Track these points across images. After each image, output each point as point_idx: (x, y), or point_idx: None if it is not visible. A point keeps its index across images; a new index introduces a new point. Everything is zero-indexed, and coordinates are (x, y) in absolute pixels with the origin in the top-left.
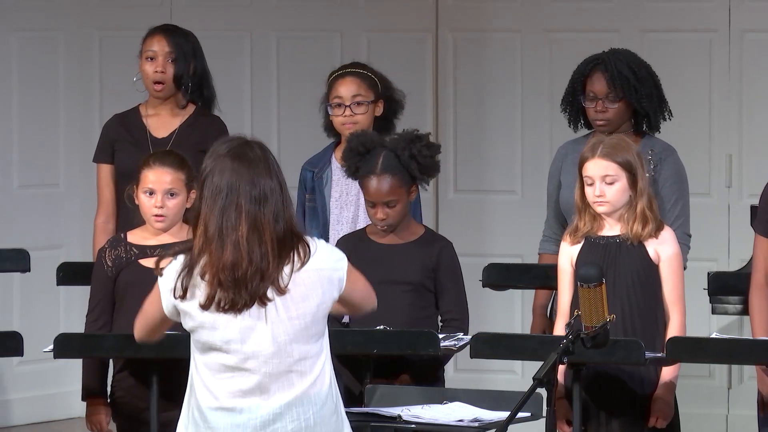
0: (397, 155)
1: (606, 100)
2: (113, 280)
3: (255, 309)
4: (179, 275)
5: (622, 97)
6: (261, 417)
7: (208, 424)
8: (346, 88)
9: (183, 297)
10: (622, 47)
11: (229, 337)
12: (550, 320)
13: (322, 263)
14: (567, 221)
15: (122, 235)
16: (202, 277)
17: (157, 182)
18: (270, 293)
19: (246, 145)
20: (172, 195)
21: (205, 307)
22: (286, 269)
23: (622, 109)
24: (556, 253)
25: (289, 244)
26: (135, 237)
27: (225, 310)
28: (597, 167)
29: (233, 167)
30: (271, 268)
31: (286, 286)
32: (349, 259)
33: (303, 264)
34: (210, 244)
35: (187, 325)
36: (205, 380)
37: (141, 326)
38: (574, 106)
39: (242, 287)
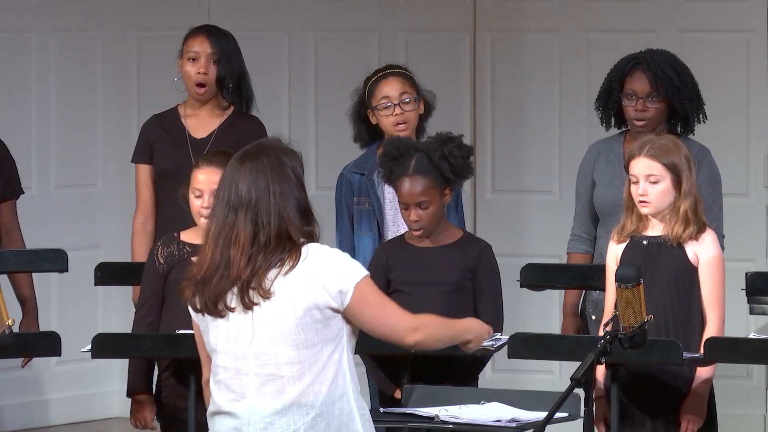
0: (429, 157)
1: (647, 100)
2: (164, 277)
3: (242, 313)
4: (184, 280)
5: (664, 97)
6: (254, 424)
7: (214, 428)
8: (392, 88)
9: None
10: (659, 47)
11: (221, 338)
12: (582, 319)
13: (314, 270)
14: (601, 220)
15: (175, 234)
16: (189, 279)
17: (205, 183)
18: (255, 297)
19: (250, 148)
20: None
21: (192, 309)
22: (271, 273)
23: (662, 109)
24: (585, 252)
25: (277, 249)
26: (188, 236)
27: (203, 313)
28: (642, 166)
29: (227, 170)
30: (236, 271)
31: (269, 290)
32: (387, 264)
33: (291, 268)
34: (202, 248)
35: (201, 327)
36: (212, 386)
37: (198, 345)
38: (609, 104)
39: (204, 290)
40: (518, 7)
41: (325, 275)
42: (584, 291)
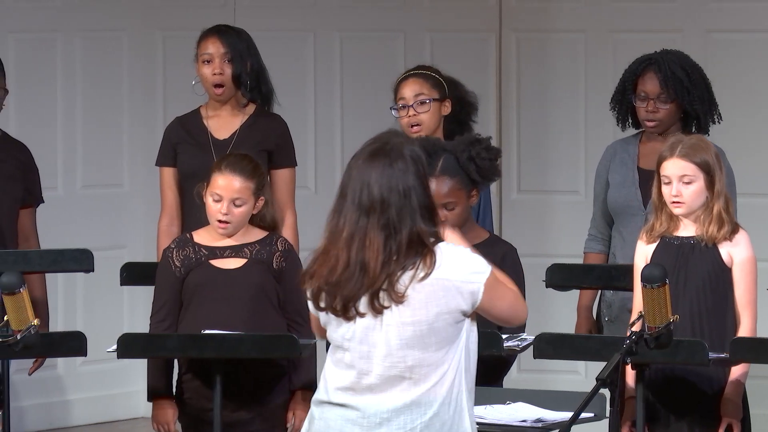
0: (456, 158)
1: (657, 101)
2: (181, 280)
3: (373, 316)
4: (305, 275)
5: (674, 98)
6: (369, 417)
7: (321, 416)
8: (409, 89)
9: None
10: (685, 48)
11: (348, 335)
12: (596, 320)
13: (450, 274)
14: (614, 221)
15: (188, 235)
16: (313, 277)
17: (225, 189)
18: (386, 300)
19: (378, 146)
20: (237, 204)
21: (314, 306)
22: (406, 277)
23: (673, 110)
24: (602, 252)
25: (410, 253)
26: (202, 238)
27: (329, 311)
28: (675, 167)
29: (355, 168)
30: (371, 276)
31: (403, 294)
32: None
33: (427, 274)
34: (326, 246)
35: (321, 320)
36: (326, 375)
37: (312, 322)
38: (624, 105)
39: (337, 292)
40: (544, 8)
41: (458, 277)
42: (599, 292)
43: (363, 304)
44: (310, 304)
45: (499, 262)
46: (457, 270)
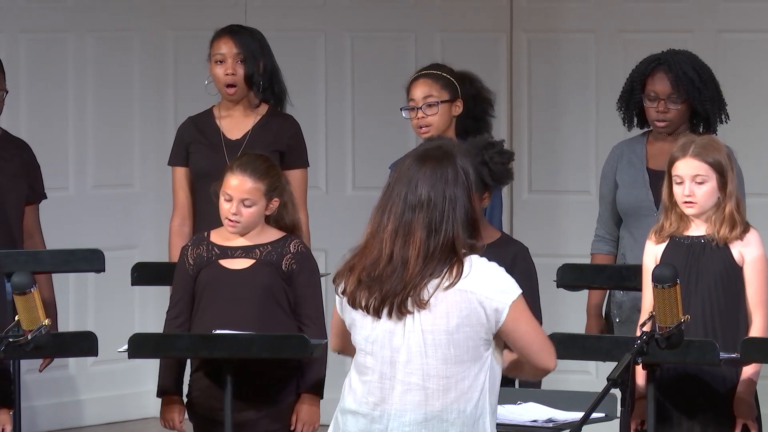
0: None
1: (668, 101)
2: (194, 278)
3: (395, 319)
4: (342, 271)
5: (685, 98)
6: (391, 430)
7: (345, 425)
8: (419, 90)
9: (344, 293)
10: (696, 48)
11: (371, 338)
12: (606, 321)
13: (474, 287)
14: (623, 221)
15: (206, 233)
16: (352, 271)
17: (235, 190)
18: (410, 305)
19: (432, 150)
20: (247, 204)
21: (349, 303)
22: (432, 284)
23: (684, 110)
24: (610, 253)
25: (441, 259)
26: (218, 237)
27: (363, 309)
28: (688, 167)
29: (404, 168)
30: (410, 274)
31: (427, 301)
32: None
33: (452, 283)
34: (367, 241)
35: (346, 322)
36: (352, 381)
37: (332, 333)
38: (631, 104)
39: (377, 287)
40: (555, 8)
41: (483, 292)
42: (608, 292)
43: (383, 296)
44: (338, 303)
45: (511, 262)
46: (484, 285)
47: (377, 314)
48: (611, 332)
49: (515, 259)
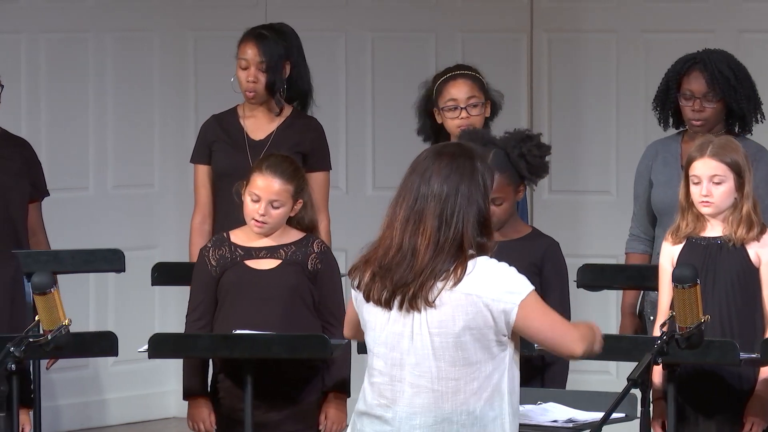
0: (506, 153)
1: (704, 100)
2: (217, 279)
3: (403, 316)
4: (357, 264)
5: (721, 96)
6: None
7: (362, 428)
8: (460, 90)
9: (359, 286)
10: (717, 47)
11: (379, 339)
12: (640, 320)
13: (480, 289)
14: (659, 220)
15: (225, 234)
16: (367, 264)
17: (264, 190)
18: (420, 302)
19: (450, 146)
20: (275, 206)
21: (364, 296)
22: (439, 284)
23: (720, 109)
24: (644, 252)
25: (450, 254)
26: (238, 237)
27: (374, 302)
28: (706, 167)
29: (419, 160)
30: (420, 264)
31: (433, 301)
32: None
33: (456, 284)
34: (382, 233)
35: (361, 320)
36: (365, 384)
37: (345, 322)
38: (667, 104)
39: (387, 276)
40: (575, 8)
41: (488, 294)
42: (642, 291)
43: (394, 286)
44: (354, 297)
45: (542, 256)
46: (490, 287)
47: (388, 306)
48: (645, 331)
49: (546, 254)
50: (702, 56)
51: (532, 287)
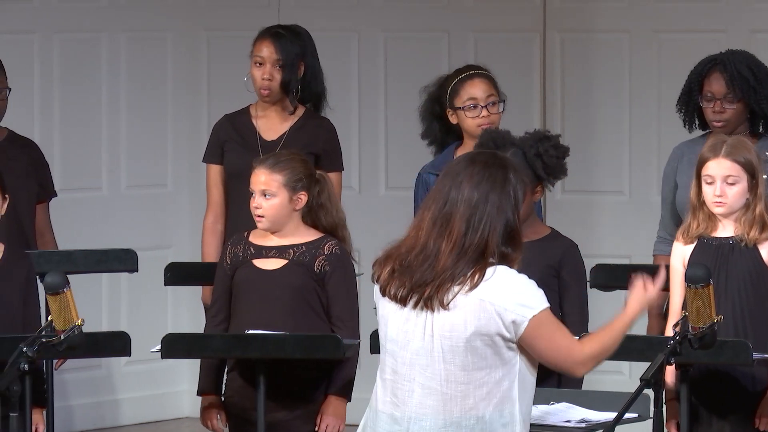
0: (524, 153)
1: (724, 101)
2: (231, 277)
3: (416, 315)
4: (380, 259)
5: (741, 97)
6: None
7: (374, 424)
8: (479, 89)
9: (377, 280)
10: (729, 47)
11: (393, 336)
12: (665, 320)
13: (495, 298)
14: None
15: (245, 233)
16: (388, 259)
17: (254, 182)
18: (435, 303)
19: (485, 154)
20: (266, 196)
21: (381, 291)
22: (455, 287)
23: (741, 109)
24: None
25: (471, 260)
26: (255, 237)
27: (390, 297)
28: (720, 167)
29: (453, 164)
30: (442, 266)
31: (447, 303)
32: None
33: (471, 288)
34: (408, 233)
35: (377, 313)
36: (377, 380)
37: None
38: (690, 106)
39: (407, 274)
40: (588, 8)
41: (502, 303)
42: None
43: (413, 285)
44: (377, 291)
45: (560, 258)
46: (504, 297)
47: (404, 303)
48: None
49: (564, 256)
50: (722, 57)
51: (546, 304)
